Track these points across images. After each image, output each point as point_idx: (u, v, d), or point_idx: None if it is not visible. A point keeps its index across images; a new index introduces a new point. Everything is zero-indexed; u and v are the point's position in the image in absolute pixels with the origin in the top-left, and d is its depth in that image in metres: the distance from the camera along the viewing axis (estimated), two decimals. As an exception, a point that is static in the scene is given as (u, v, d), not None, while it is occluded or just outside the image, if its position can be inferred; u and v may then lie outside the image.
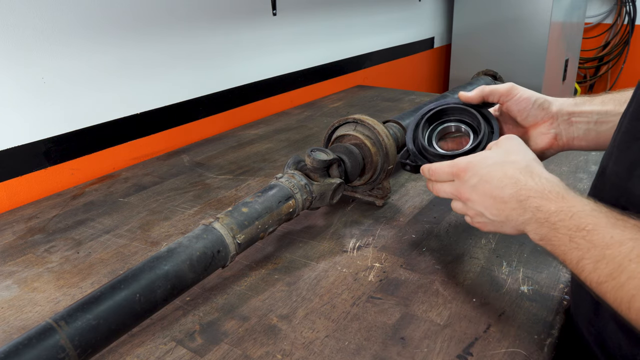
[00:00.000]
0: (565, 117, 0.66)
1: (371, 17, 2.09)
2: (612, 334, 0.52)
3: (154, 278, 0.57)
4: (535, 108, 0.66)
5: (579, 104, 0.66)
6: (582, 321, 0.58)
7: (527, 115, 0.67)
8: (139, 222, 0.90)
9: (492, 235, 0.79)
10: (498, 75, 1.56)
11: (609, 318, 0.52)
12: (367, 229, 0.84)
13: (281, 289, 0.69)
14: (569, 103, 0.66)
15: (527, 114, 0.67)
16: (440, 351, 0.56)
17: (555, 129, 0.67)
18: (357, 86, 2.00)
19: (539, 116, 0.67)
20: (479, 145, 0.66)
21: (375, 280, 0.70)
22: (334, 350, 0.57)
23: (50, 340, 0.48)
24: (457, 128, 0.72)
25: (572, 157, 1.08)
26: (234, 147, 1.28)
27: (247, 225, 0.68)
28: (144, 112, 1.26)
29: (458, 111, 0.71)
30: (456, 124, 0.71)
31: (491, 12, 2.44)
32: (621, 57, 3.37)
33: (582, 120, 0.65)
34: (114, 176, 1.13)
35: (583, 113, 0.65)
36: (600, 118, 0.64)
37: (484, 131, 0.66)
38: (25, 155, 1.04)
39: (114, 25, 1.14)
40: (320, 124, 1.45)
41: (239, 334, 0.61)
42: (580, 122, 0.65)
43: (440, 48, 2.76)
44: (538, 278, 0.68)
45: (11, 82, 0.99)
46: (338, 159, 0.82)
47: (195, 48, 1.36)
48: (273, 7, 1.56)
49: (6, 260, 0.79)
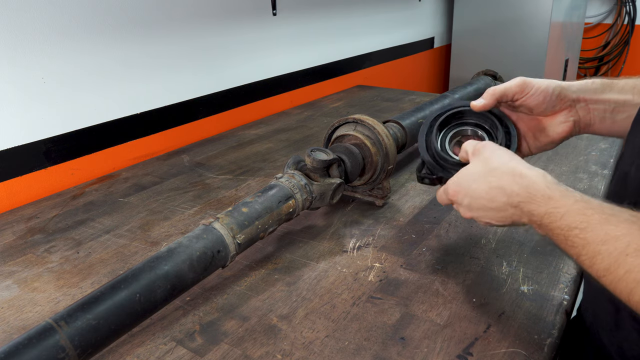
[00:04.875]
0: (583, 105, 0.64)
1: (371, 17, 2.09)
2: (633, 344, 0.52)
3: (154, 278, 0.57)
4: (553, 99, 0.64)
5: (598, 91, 0.63)
6: (602, 331, 0.58)
7: (545, 107, 0.64)
8: (139, 222, 0.90)
9: (492, 235, 0.79)
10: (498, 75, 1.56)
11: (631, 328, 0.52)
12: (367, 229, 0.84)
13: (281, 289, 0.69)
14: (588, 89, 0.64)
15: (544, 107, 0.64)
16: (440, 351, 0.56)
17: (574, 116, 0.65)
18: (357, 86, 2.00)
19: (557, 106, 0.64)
20: None
21: (375, 280, 0.70)
22: (334, 351, 0.57)
23: (50, 340, 0.48)
24: (472, 131, 0.68)
25: (572, 157, 1.08)
26: (234, 147, 1.28)
27: (247, 225, 0.68)
28: (144, 112, 1.26)
29: (468, 113, 0.67)
30: (470, 128, 0.68)
31: (491, 12, 2.43)
32: (621, 57, 3.37)
33: (600, 107, 0.63)
34: (114, 176, 1.13)
35: (600, 101, 0.63)
36: (618, 107, 0.62)
37: (500, 133, 0.64)
38: (25, 155, 1.04)
39: (113, 26, 1.14)
40: (320, 124, 1.45)
41: (239, 334, 0.61)
42: (598, 109, 0.63)
43: (440, 48, 2.76)
44: (538, 278, 0.68)
45: (11, 82, 0.99)
46: (338, 159, 0.82)
47: (195, 48, 1.36)
48: (273, 7, 1.56)
49: (6, 260, 0.79)
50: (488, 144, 0.59)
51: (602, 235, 0.42)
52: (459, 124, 0.68)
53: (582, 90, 0.64)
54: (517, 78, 0.65)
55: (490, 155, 0.56)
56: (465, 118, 0.67)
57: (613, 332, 0.55)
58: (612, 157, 1.08)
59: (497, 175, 0.53)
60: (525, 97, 0.64)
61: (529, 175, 0.51)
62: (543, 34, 2.30)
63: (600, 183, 0.96)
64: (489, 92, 0.64)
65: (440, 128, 0.67)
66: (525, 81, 0.64)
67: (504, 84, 0.65)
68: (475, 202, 0.56)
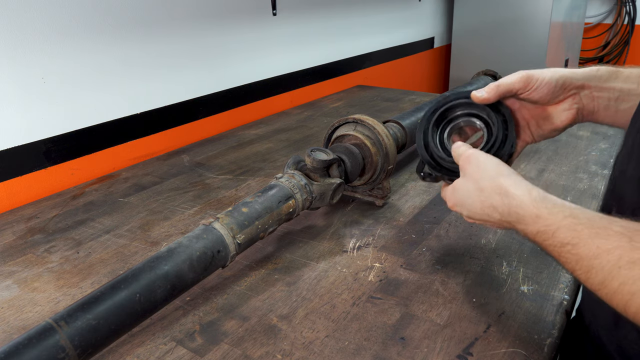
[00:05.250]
0: (587, 92, 0.64)
1: (371, 17, 2.09)
2: (633, 343, 0.52)
3: (154, 278, 0.57)
4: (557, 90, 0.63)
5: (603, 78, 0.63)
6: (601, 330, 0.58)
7: (549, 98, 0.64)
8: (139, 222, 0.90)
9: (492, 235, 0.79)
10: (498, 75, 1.56)
11: (630, 327, 0.52)
12: (367, 229, 0.84)
13: (281, 289, 0.69)
14: (593, 77, 0.63)
15: (549, 98, 0.64)
16: (440, 351, 0.56)
17: (578, 104, 0.64)
18: (357, 86, 2.00)
19: (561, 95, 0.64)
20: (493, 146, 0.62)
21: (375, 280, 0.70)
22: (334, 351, 0.57)
23: (50, 340, 0.48)
24: (468, 123, 0.67)
25: (572, 157, 1.08)
26: (234, 147, 1.28)
27: (247, 225, 0.68)
28: (144, 112, 1.26)
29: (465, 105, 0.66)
30: (467, 119, 0.66)
31: (491, 12, 2.43)
32: (621, 57, 3.36)
33: (604, 95, 0.63)
34: (114, 176, 1.13)
35: (605, 89, 0.63)
36: (622, 95, 0.62)
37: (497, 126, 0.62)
38: (25, 155, 1.04)
39: (114, 25, 1.14)
40: (320, 124, 1.45)
41: (239, 334, 0.61)
42: (602, 97, 0.63)
43: (440, 48, 2.76)
44: (538, 278, 0.68)
45: (11, 82, 0.99)
46: (338, 159, 0.82)
47: (195, 48, 1.36)
48: (273, 7, 1.56)
49: (6, 260, 0.79)
50: (474, 155, 0.58)
51: (593, 249, 0.42)
52: (456, 116, 0.67)
53: (587, 78, 0.63)
54: (520, 73, 0.63)
55: (476, 170, 0.57)
56: (462, 108, 0.66)
57: (612, 330, 0.55)
58: (612, 157, 1.08)
59: (487, 194, 0.54)
60: (530, 92, 0.63)
61: (514, 194, 0.51)
62: (543, 34, 2.30)
63: (600, 183, 0.96)
64: (492, 88, 0.63)
65: (437, 122, 0.66)
66: (528, 76, 0.63)
67: (507, 80, 0.63)
68: (474, 215, 0.57)
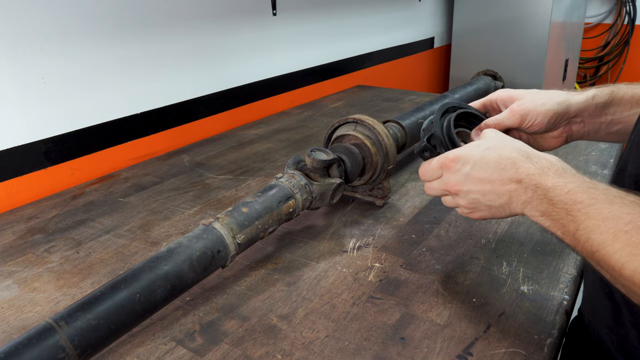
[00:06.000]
0: (579, 120, 0.65)
1: (371, 17, 2.09)
2: (633, 340, 0.52)
3: (154, 278, 0.57)
4: (550, 124, 0.64)
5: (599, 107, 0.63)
6: (602, 328, 0.58)
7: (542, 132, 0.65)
8: (139, 222, 0.90)
9: (492, 235, 0.79)
10: (498, 75, 1.56)
11: (630, 326, 0.52)
12: (367, 229, 0.84)
13: (281, 289, 0.69)
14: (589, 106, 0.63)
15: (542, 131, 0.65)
16: (440, 351, 0.56)
17: (568, 132, 0.66)
18: (357, 86, 2.00)
19: (553, 127, 0.65)
20: None
21: (375, 280, 0.70)
22: (334, 351, 0.57)
23: (50, 340, 0.48)
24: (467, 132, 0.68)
25: (572, 157, 1.09)
26: (234, 147, 1.28)
27: (247, 225, 0.68)
28: (144, 112, 1.26)
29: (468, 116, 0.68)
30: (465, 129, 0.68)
31: (491, 12, 2.43)
32: (621, 57, 3.36)
33: (596, 121, 0.64)
34: (114, 176, 1.13)
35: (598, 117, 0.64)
36: (614, 120, 0.63)
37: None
38: (25, 155, 1.04)
39: (113, 25, 1.14)
40: (320, 124, 1.45)
41: (239, 334, 0.61)
42: (594, 123, 0.64)
43: (440, 48, 2.76)
44: (538, 278, 0.68)
45: (11, 82, 0.99)
46: (338, 159, 0.82)
47: (195, 48, 1.36)
48: (273, 7, 1.56)
49: (6, 260, 0.79)
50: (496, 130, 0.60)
51: (605, 212, 0.42)
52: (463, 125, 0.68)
53: (582, 109, 0.64)
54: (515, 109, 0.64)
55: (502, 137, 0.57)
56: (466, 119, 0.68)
57: (612, 329, 0.55)
58: (612, 157, 1.08)
59: (511, 148, 0.53)
60: (525, 128, 0.65)
61: (544, 155, 0.52)
62: (543, 34, 2.30)
63: (600, 183, 0.96)
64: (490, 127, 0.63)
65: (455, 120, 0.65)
66: (523, 113, 0.63)
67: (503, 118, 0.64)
68: (475, 172, 0.54)
